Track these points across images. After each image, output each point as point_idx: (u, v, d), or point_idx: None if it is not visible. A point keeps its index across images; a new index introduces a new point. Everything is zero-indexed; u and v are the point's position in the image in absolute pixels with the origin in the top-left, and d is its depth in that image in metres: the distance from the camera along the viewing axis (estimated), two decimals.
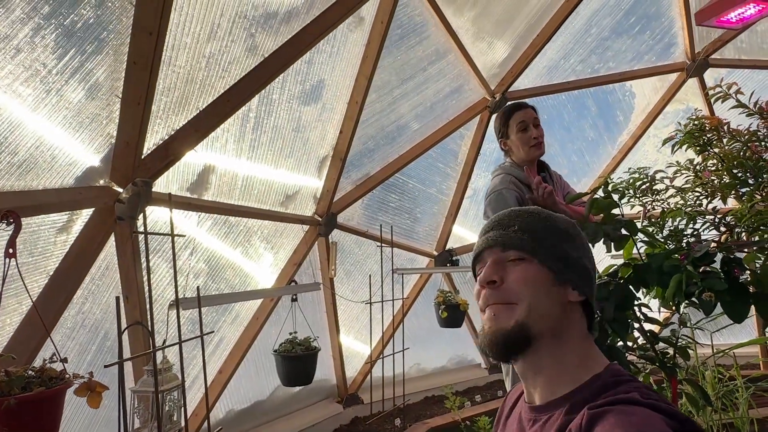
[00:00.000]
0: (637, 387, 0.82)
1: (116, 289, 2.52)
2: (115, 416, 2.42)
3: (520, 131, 2.30)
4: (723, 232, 2.40)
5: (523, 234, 0.93)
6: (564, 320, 0.90)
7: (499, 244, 0.94)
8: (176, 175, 2.67)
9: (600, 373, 0.87)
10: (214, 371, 3.38)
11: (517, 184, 2.22)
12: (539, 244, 0.92)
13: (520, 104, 2.40)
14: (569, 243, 0.95)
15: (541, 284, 0.90)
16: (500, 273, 0.92)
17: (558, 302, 0.90)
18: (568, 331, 0.90)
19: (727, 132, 2.26)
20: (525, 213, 0.98)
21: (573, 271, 0.93)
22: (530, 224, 0.95)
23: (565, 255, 0.93)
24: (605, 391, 0.83)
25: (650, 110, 4.90)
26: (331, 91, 3.30)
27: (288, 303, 3.71)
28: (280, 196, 3.44)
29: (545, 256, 0.91)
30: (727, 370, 3.65)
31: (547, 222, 0.96)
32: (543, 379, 0.89)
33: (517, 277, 0.90)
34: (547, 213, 0.98)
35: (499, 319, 0.90)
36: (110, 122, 2.16)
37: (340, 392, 4.52)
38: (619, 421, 0.73)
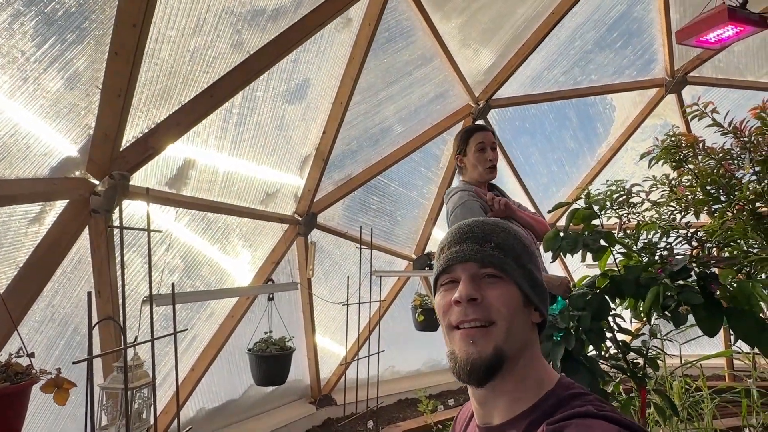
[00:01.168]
0: (590, 400, 0.83)
1: (88, 283, 2.47)
2: (82, 412, 2.36)
3: (478, 151, 2.37)
4: (695, 246, 2.45)
5: (500, 252, 0.90)
6: (528, 341, 0.91)
7: (477, 261, 0.89)
8: (155, 169, 2.63)
9: (553, 389, 0.87)
10: (187, 369, 3.33)
11: (477, 198, 2.27)
12: (516, 265, 0.90)
13: (481, 126, 2.49)
14: (534, 265, 0.94)
15: (516, 305, 0.89)
16: (479, 290, 0.88)
17: (526, 324, 0.91)
18: (530, 351, 0.90)
19: (702, 149, 2.32)
20: (498, 228, 0.94)
21: (537, 293, 0.92)
22: (506, 242, 0.92)
23: (533, 277, 0.92)
24: (560, 406, 0.83)
25: (629, 124, 5.00)
26: (316, 91, 3.29)
27: (264, 302, 3.69)
28: (260, 194, 3.41)
29: (519, 277, 0.90)
30: (693, 381, 3.74)
31: (518, 240, 0.94)
32: (504, 401, 0.88)
33: (497, 295, 0.88)
34: (515, 229, 0.96)
35: (477, 345, 0.86)
36: (89, 113, 2.11)
37: (313, 393, 4.50)
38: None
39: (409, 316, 4.70)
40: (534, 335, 0.93)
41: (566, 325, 2.13)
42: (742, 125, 2.22)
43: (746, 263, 2.00)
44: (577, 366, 1.99)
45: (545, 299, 0.95)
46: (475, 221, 0.96)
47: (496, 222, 0.96)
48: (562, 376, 0.92)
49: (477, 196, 2.28)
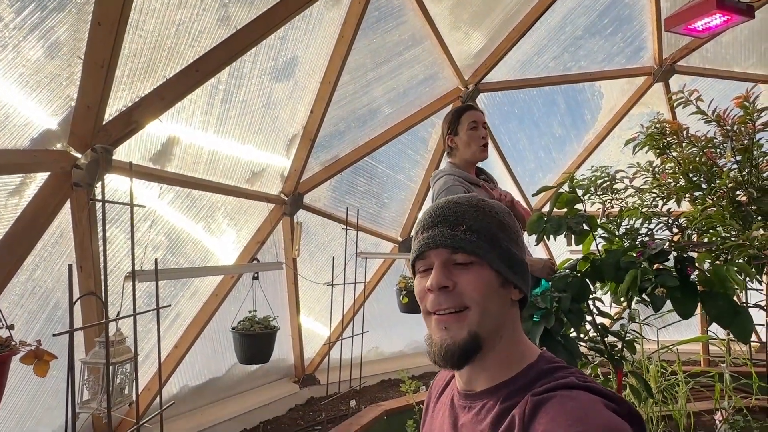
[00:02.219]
0: (572, 372, 0.84)
1: (70, 258, 2.44)
2: (63, 387, 2.36)
3: (471, 129, 2.34)
4: (675, 233, 2.50)
5: (473, 235, 0.88)
6: (507, 319, 0.90)
7: (449, 246, 0.87)
8: (139, 143, 2.59)
9: (534, 362, 0.88)
10: (170, 346, 3.33)
11: (463, 183, 2.25)
12: (490, 247, 0.88)
13: (473, 106, 2.48)
14: (513, 241, 0.92)
15: (492, 288, 0.87)
16: (451, 277, 0.87)
17: (504, 304, 0.90)
18: (509, 328, 0.91)
19: (685, 137, 2.34)
20: (472, 208, 0.91)
21: (516, 271, 0.91)
22: (480, 222, 0.89)
23: (510, 255, 0.90)
24: (542, 378, 0.84)
25: (616, 111, 5.02)
26: (304, 69, 3.25)
27: (249, 281, 3.68)
28: (246, 173, 3.38)
29: (495, 259, 0.88)
30: (669, 365, 3.82)
31: (495, 218, 0.91)
32: (485, 375, 0.90)
33: (469, 281, 0.86)
34: (491, 206, 0.93)
35: (450, 331, 0.86)
36: (71, 84, 2.07)
37: (297, 372, 4.53)
38: (564, 405, 0.75)
39: (394, 298, 4.74)
40: (513, 312, 0.92)
41: (547, 306, 2.16)
42: (725, 114, 2.25)
43: (724, 249, 2.03)
44: (555, 345, 2.02)
45: (525, 276, 0.93)
46: (448, 202, 0.93)
47: (470, 201, 0.93)
48: (544, 350, 0.93)
49: (463, 180, 2.27)
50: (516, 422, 0.80)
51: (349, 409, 4.14)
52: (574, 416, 0.73)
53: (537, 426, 0.76)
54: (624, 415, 0.75)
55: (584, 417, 0.72)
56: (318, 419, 4.04)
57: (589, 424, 0.71)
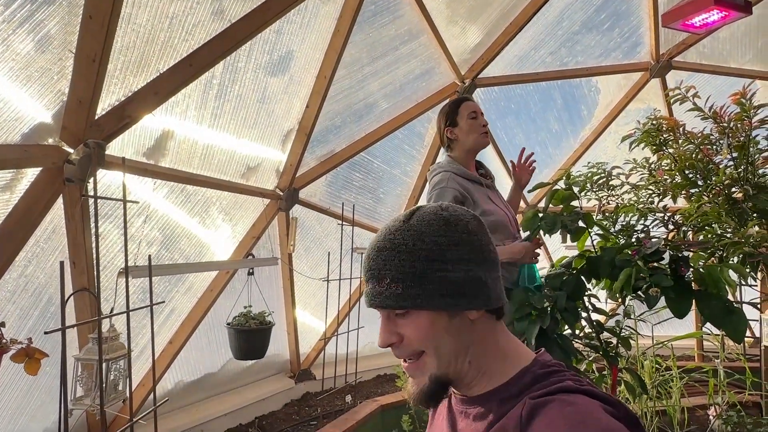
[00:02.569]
0: (568, 375, 0.83)
1: (63, 253, 2.42)
2: (56, 384, 2.35)
3: (471, 118, 2.33)
4: (671, 230, 2.49)
5: (398, 286, 0.83)
6: (473, 339, 0.87)
7: (378, 306, 0.85)
8: (132, 138, 2.57)
9: (529, 366, 0.86)
10: (165, 342, 3.31)
11: (459, 181, 2.23)
12: (420, 290, 0.83)
13: (468, 97, 2.48)
14: (451, 264, 0.84)
15: (438, 328, 0.84)
16: (395, 330, 0.86)
17: (460, 333, 0.86)
18: (481, 345, 0.88)
19: (682, 134, 2.34)
20: (393, 252, 0.84)
21: (463, 294, 0.84)
22: (403, 267, 0.83)
23: (450, 284, 0.84)
24: (537, 383, 0.83)
25: (613, 107, 5.01)
26: (299, 64, 3.23)
27: (244, 276, 3.67)
28: (241, 168, 3.36)
29: (428, 299, 0.83)
30: (664, 361, 3.84)
31: (422, 251, 0.83)
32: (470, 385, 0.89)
33: (411, 331, 0.85)
34: (418, 235, 0.85)
35: (416, 379, 0.87)
36: (62, 78, 2.04)
37: (292, 367, 4.53)
38: (563, 410, 0.75)
39: None
40: (479, 331, 0.87)
41: (542, 305, 2.16)
42: (722, 110, 2.24)
43: (719, 246, 2.03)
44: (550, 344, 2.02)
45: (478, 291, 0.86)
46: (372, 249, 0.88)
47: (393, 243, 0.85)
48: (541, 352, 0.91)
49: (460, 177, 2.25)
50: (513, 425, 0.79)
51: (344, 404, 4.15)
52: (573, 420, 0.72)
53: (535, 430, 0.75)
54: (622, 418, 0.75)
55: (583, 421, 0.72)
56: (313, 414, 4.04)
57: (588, 428, 0.71)
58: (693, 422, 3.66)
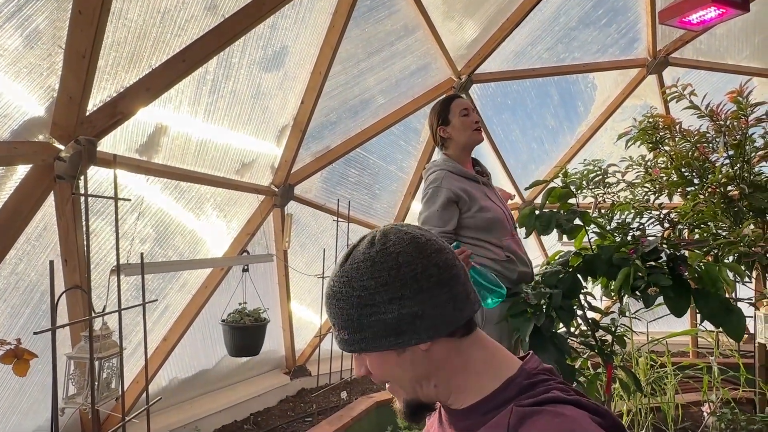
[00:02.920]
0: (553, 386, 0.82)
1: (54, 251, 2.40)
2: (49, 381, 2.33)
3: (463, 116, 2.31)
4: (666, 228, 2.49)
5: (344, 332, 0.86)
6: (432, 366, 0.86)
7: (341, 348, 0.90)
8: (124, 134, 2.54)
9: (513, 377, 0.85)
10: (159, 339, 3.30)
11: (454, 179, 2.22)
12: (361, 336, 0.84)
13: (458, 95, 2.46)
14: (383, 305, 0.83)
15: (389, 365, 0.86)
16: (364, 365, 0.89)
17: (415, 363, 0.85)
18: (444, 370, 0.86)
19: (678, 131, 2.33)
20: (334, 300, 0.86)
21: (402, 332, 0.83)
22: (343, 316, 0.85)
23: (386, 325, 0.83)
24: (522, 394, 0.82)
25: (609, 104, 5.00)
26: (294, 59, 3.20)
27: (239, 273, 3.65)
28: (235, 164, 3.34)
29: (373, 344, 0.84)
30: (659, 357, 3.85)
31: (353, 300, 0.84)
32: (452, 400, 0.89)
33: (371, 368, 0.89)
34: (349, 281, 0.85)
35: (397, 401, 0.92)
36: (52, 74, 2.01)
37: (288, 364, 4.52)
38: (551, 421, 0.74)
39: None
40: (436, 359, 0.85)
41: (537, 302, 2.15)
42: (718, 109, 2.23)
43: (715, 245, 2.03)
44: (545, 342, 2.02)
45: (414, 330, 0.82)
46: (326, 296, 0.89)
47: (332, 292, 0.87)
48: (527, 360, 0.89)
49: (456, 175, 2.23)
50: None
51: (339, 400, 4.14)
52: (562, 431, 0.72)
53: None
54: (609, 428, 0.75)
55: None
56: (309, 410, 4.04)
57: None
58: (687, 419, 3.68)
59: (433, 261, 0.84)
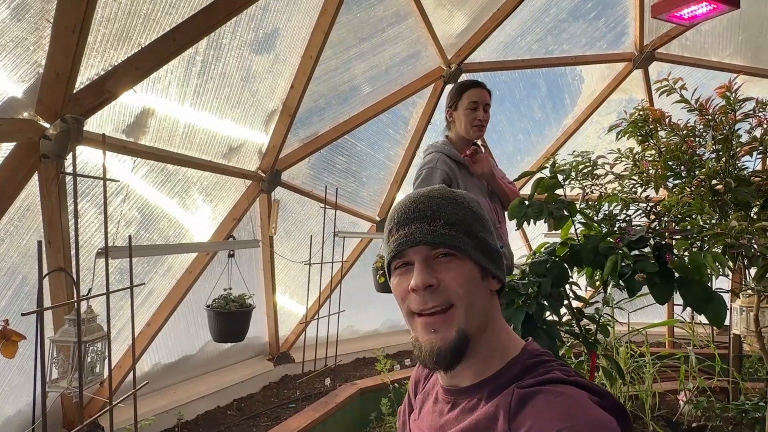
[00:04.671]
0: (555, 366, 0.85)
1: (38, 232, 2.34)
2: (30, 365, 2.28)
3: (469, 108, 2.33)
4: (652, 219, 2.54)
5: (451, 228, 0.86)
6: (491, 309, 0.90)
7: (429, 243, 0.85)
8: (111, 114, 2.48)
9: (518, 356, 0.88)
10: (142, 323, 3.25)
11: (448, 163, 2.25)
12: (469, 239, 0.86)
13: (480, 83, 2.42)
14: (487, 231, 0.91)
15: (474, 281, 0.86)
16: (434, 274, 0.85)
17: (486, 295, 0.89)
18: (492, 321, 0.90)
19: (668, 125, 2.36)
20: (446, 201, 0.88)
21: (493, 260, 0.90)
22: (456, 215, 0.87)
23: (487, 246, 0.89)
24: (526, 373, 0.84)
25: (596, 97, 5.05)
26: (285, 42, 3.15)
27: (224, 258, 3.62)
28: (223, 148, 3.29)
29: (475, 252, 0.86)
30: (638, 347, 3.94)
31: (469, 209, 0.89)
32: (471, 371, 0.89)
33: (453, 276, 0.85)
34: (464, 197, 0.91)
35: (439, 333, 0.85)
36: (38, 49, 1.95)
37: (271, 350, 4.51)
38: (551, 400, 0.76)
39: (369, 277, 4.73)
40: (495, 303, 0.91)
41: (527, 291, 2.18)
42: (707, 104, 2.27)
43: (700, 237, 2.07)
44: (536, 330, 2.04)
45: (501, 265, 0.91)
46: (420, 196, 0.90)
47: (442, 194, 0.90)
48: (528, 342, 0.92)
49: (446, 163, 2.25)
50: (501, 412, 0.80)
51: (323, 387, 4.15)
52: (561, 411, 0.74)
53: (524, 420, 0.77)
54: (609, 408, 0.77)
55: (572, 412, 0.74)
56: (292, 397, 4.04)
57: (577, 418, 0.73)
58: (663, 406, 3.78)
59: None
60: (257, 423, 3.59)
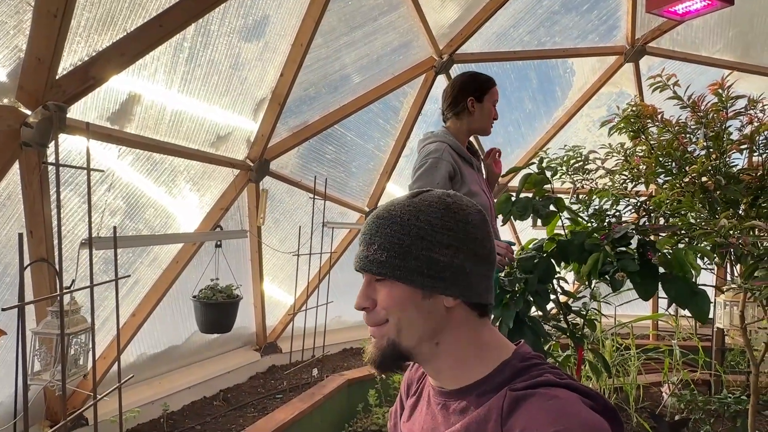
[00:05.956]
0: (547, 369, 0.85)
1: (18, 222, 2.29)
2: (10, 357, 2.24)
3: (493, 105, 2.35)
4: (642, 215, 2.54)
5: (383, 253, 0.86)
6: (444, 325, 0.88)
7: (361, 269, 0.90)
8: (95, 101, 2.42)
9: (508, 359, 0.87)
10: (128, 314, 3.21)
11: (453, 155, 2.21)
12: (402, 263, 0.85)
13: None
14: (438, 247, 0.86)
15: (408, 302, 0.86)
16: (371, 296, 0.89)
17: (431, 313, 0.87)
18: (453, 333, 0.88)
19: (660, 121, 2.36)
20: (387, 222, 0.87)
21: (442, 279, 0.86)
22: (393, 238, 0.86)
23: (432, 265, 0.85)
24: (517, 377, 0.84)
25: (586, 90, 5.04)
26: (275, 30, 3.09)
27: (211, 248, 3.57)
28: (210, 136, 3.23)
29: (408, 275, 0.85)
30: (623, 340, 3.98)
31: (413, 229, 0.86)
32: (447, 375, 0.90)
33: (382, 298, 0.88)
34: (416, 213, 0.87)
35: (375, 341, 0.90)
36: (19, 33, 1.88)
37: (258, 340, 4.49)
38: (544, 403, 0.76)
39: None
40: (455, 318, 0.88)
41: (513, 288, 2.18)
42: (700, 101, 2.27)
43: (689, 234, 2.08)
44: (522, 327, 2.04)
45: (454, 282, 0.87)
46: (372, 216, 0.91)
47: (390, 213, 0.88)
48: (520, 345, 0.92)
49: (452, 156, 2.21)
50: (493, 415, 0.80)
51: (311, 377, 4.15)
52: (554, 414, 0.74)
53: (516, 422, 0.77)
54: (601, 410, 0.78)
55: (564, 415, 0.74)
56: (279, 388, 4.03)
57: (570, 421, 0.73)
58: (647, 399, 3.83)
59: (490, 238, 0.91)
60: (244, 414, 3.58)
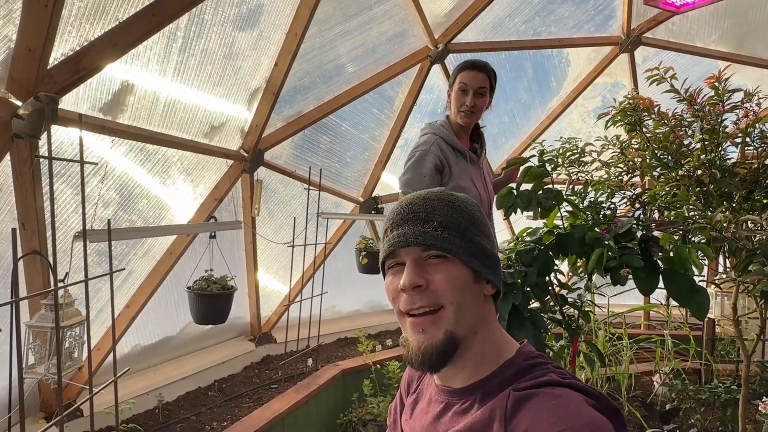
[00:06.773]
0: (551, 369, 0.85)
1: (11, 214, 2.26)
2: (5, 350, 2.22)
3: (460, 91, 2.21)
4: (637, 207, 2.55)
5: (444, 231, 0.86)
6: (484, 314, 0.89)
7: (420, 243, 0.85)
8: (88, 92, 2.38)
9: (512, 358, 0.88)
10: (122, 305, 3.19)
11: (443, 147, 2.18)
12: (462, 242, 0.86)
13: (476, 65, 2.24)
14: (484, 235, 0.91)
15: (465, 284, 0.86)
16: (424, 275, 0.85)
17: (478, 299, 0.88)
18: (485, 325, 0.89)
19: (657, 114, 2.36)
20: (441, 203, 0.89)
21: (488, 265, 0.90)
22: (451, 218, 0.88)
23: (482, 250, 0.89)
24: (521, 375, 0.85)
25: (581, 80, 5.03)
26: (269, 19, 3.05)
27: (205, 239, 3.55)
28: (204, 127, 3.19)
29: (468, 255, 0.86)
30: (616, 329, 4.02)
31: (465, 213, 0.90)
32: (463, 373, 0.89)
33: (443, 278, 0.85)
34: (461, 200, 0.92)
35: (426, 333, 0.85)
36: (9, 22, 1.84)
37: (253, 331, 4.49)
38: (547, 403, 0.76)
39: (352, 257, 4.72)
40: (488, 308, 0.91)
41: (512, 281, 2.18)
42: (697, 94, 2.27)
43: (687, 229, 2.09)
44: (522, 320, 2.05)
45: (497, 270, 0.92)
46: (416, 198, 0.91)
47: (439, 196, 0.90)
48: (523, 344, 0.93)
49: (441, 148, 2.19)
50: (497, 416, 0.80)
51: (305, 367, 4.16)
52: (558, 414, 0.74)
53: (520, 422, 0.77)
54: (603, 410, 0.78)
55: (568, 414, 0.74)
56: (274, 378, 4.04)
57: (574, 421, 0.73)
58: (638, 387, 3.88)
59: None
60: (239, 404, 3.59)
